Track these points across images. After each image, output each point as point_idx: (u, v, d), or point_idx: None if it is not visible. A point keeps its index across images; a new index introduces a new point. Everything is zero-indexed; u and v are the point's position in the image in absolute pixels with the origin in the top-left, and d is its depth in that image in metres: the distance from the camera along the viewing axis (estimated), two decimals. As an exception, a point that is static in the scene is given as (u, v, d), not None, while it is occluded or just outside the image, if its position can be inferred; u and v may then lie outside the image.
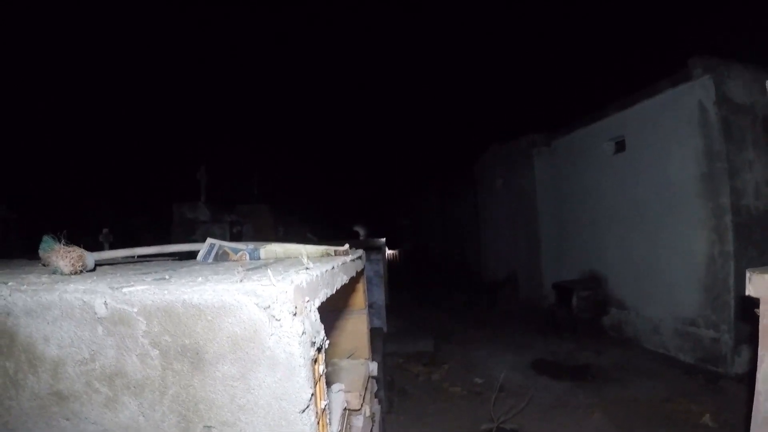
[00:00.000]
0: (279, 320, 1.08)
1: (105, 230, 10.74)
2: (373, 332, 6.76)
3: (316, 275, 1.34)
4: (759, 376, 3.05)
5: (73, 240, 1.64)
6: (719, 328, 7.68)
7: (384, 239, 10.88)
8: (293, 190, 25.92)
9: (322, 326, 1.24)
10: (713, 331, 7.80)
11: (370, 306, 8.94)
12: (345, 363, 2.96)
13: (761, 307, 3.13)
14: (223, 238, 12.02)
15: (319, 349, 1.21)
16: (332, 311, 2.95)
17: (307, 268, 1.39)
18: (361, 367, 2.90)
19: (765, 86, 3.03)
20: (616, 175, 10.13)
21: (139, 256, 2.31)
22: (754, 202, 7.68)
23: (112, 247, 10.82)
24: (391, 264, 12.03)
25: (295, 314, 1.10)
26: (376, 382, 3.36)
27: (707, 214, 7.94)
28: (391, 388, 7.13)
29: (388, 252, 11.50)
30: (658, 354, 8.75)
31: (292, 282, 1.14)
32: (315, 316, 1.23)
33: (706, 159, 7.90)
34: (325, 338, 1.24)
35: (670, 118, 8.61)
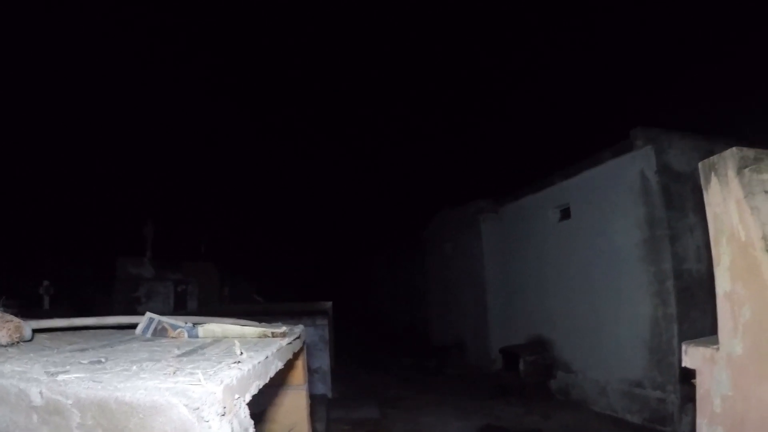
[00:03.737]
0: (208, 421, 1.07)
1: (46, 283, 10.42)
2: (317, 399, 6.62)
3: (248, 369, 1.33)
4: (698, 444, 3.09)
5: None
6: (665, 388, 7.77)
7: (330, 303, 10.76)
8: (242, 249, 25.65)
9: (252, 423, 1.24)
10: (660, 392, 7.87)
11: (315, 371, 8.84)
12: (285, 440, 2.86)
13: (698, 377, 3.19)
14: (167, 297, 11.87)
15: (248, 446, 1.18)
16: (271, 386, 2.87)
17: (239, 362, 1.36)
18: (300, 444, 2.81)
19: (705, 153, 3.16)
20: (562, 241, 10.32)
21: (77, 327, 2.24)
22: (696, 265, 7.88)
23: (53, 299, 10.56)
24: (338, 326, 11.93)
25: (223, 414, 1.10)
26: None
27: (650, 278, 8.11)
28: (337, 458, 6.94)
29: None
30: (606, 416, 8.78)
31: (221, 382, 1.14)
32: (244, 412, 1.23)
33: (648, 226, 8.12)
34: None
35: (613, 186, 8.87)
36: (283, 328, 2.19)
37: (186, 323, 2.10)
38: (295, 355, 2.37)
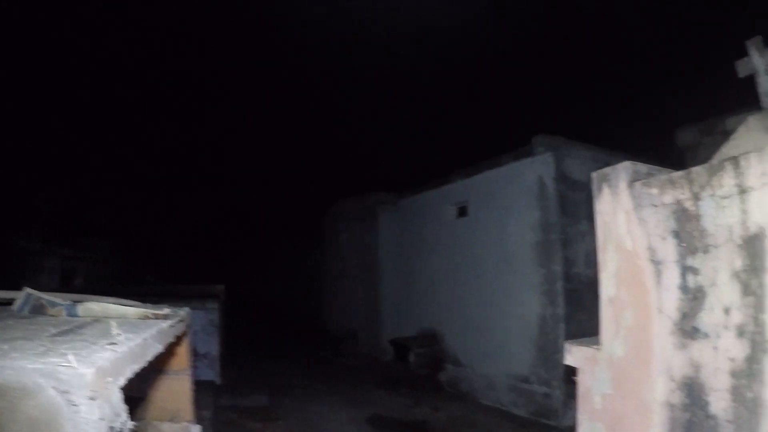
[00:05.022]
0: (77, 405, 1.04)
1: None
2: (204, 385, 6.47)
3: (124, 351, 1.28)
4: (578, 437, 3.25)
5: None
6: (551, 384, 8.08)
7: (222, 287, 10.55)
8: (138, 227, 24.75)
9: (125, 408, 1.18)
10: (545, 387, 8.18)
11: (203, 356, 8.65)
12: (166, 427, 2.78)
13: (579, 376, 3.34)
14: (54, 273, 11.28)
15: (120, 432, 1.13)
16: (152, 371, 2.78)
17: (114, 343, 1.31)
18: (182, 432, 2.74)
19: (603, 165, 3.33)
20: (458, 237, 10.52)
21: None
22: (585, 270, 8.23)
23: None
24: (233, 312, 11.74)
25: (93, 399, 1.06)
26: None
27: (541, 279, 8.40)
28: (223, 447, 6.83)
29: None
30: (493, 409, 9.02)
31: (93, 364, 1.10)
32: (117, 397, 1.17)
33: (542, 229, 8.41)
34: (128, 421, 1.18)
35: (511, 189, 9.12)
36: (166, 310, 2.14)
37: (66, 301, 2.01)
38: (178, 339, 2.31)
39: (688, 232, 2.69)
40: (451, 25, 21.13)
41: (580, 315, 8.05)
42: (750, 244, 2.37)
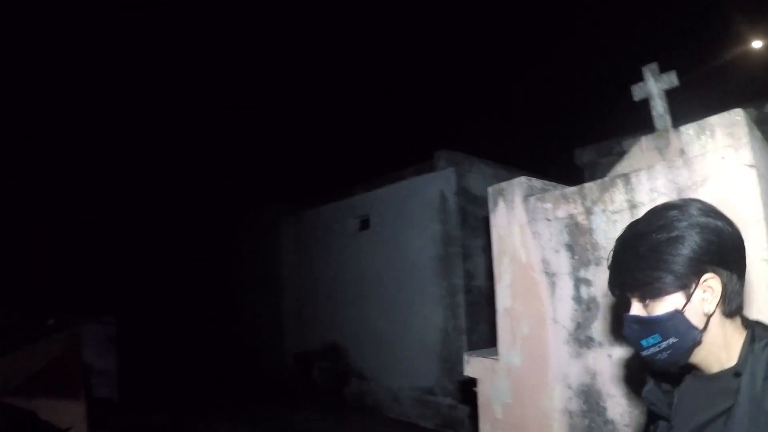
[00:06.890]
0: None
1: None
2: (100, 403, 6.16)
3: None
4: (482, 449, 3.32)
5: None
6: (456, 395, 8.18)
7: (121, 300, 10.18)
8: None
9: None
10: (450, 399, 8.28)
11: (100, 373, 8.27)
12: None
13: (479, 386, 3.42)
14: None
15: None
16: (39, 386, 2.64)
17: None
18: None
19: (503, 181, 3.46)
20: (360, 250, 10.53)
21: None
22: (486, 282, 8.41)
23: None
24: (133, 327, 11.27)
25: None
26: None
27: (442, 292, 8.54)
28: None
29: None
30: (400, 422, 9.04)
31: None
32: None
33: (444, 243, 8.56)
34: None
35: (413, 202, 9.23)
36: (51, 321, 2.05)
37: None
38: (67, 353, 2.21)
39: (580, 245, 2.80)
40: (358, 35, 21.24)
41: (482, 327, 8.23)
42: (639, 256, 2.49)
